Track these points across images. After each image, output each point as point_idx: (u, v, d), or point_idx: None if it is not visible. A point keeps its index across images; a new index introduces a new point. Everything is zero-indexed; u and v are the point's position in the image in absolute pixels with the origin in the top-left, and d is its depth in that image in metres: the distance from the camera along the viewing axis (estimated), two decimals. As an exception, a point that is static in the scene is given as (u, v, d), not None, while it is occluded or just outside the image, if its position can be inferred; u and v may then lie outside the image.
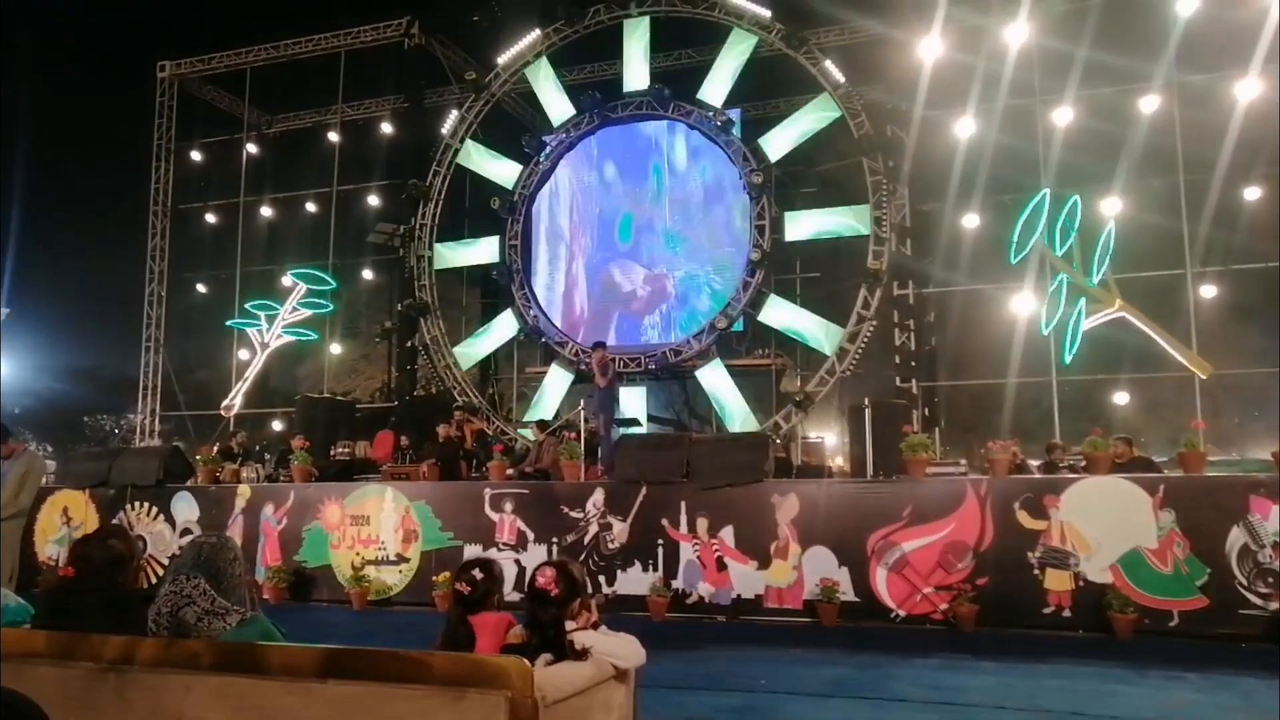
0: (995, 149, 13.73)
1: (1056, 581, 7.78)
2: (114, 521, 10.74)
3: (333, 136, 19.25)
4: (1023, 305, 12.98)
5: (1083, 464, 8.76)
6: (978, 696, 5.63)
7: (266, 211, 19.40)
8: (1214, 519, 7.49)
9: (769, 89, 17.12)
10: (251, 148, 19.69)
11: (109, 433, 31.78)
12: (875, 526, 8.32)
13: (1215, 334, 13.68)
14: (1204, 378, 12.05)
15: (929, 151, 14.26)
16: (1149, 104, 13.34)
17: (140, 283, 19.18)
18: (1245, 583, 7.31)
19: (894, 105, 14.77)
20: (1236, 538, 7.39)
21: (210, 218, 19.86)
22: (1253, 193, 13.88)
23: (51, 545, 11.15)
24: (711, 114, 15.22)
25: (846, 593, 8.29)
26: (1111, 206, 12.80)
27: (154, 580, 9.57)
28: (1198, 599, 7.40)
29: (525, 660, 2.49)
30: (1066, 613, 7.71)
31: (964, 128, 13.85)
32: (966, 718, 5.17)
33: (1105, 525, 7.74)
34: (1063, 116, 13.63)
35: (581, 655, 2.87)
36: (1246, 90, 12.68)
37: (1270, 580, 7.24)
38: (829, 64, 14.50)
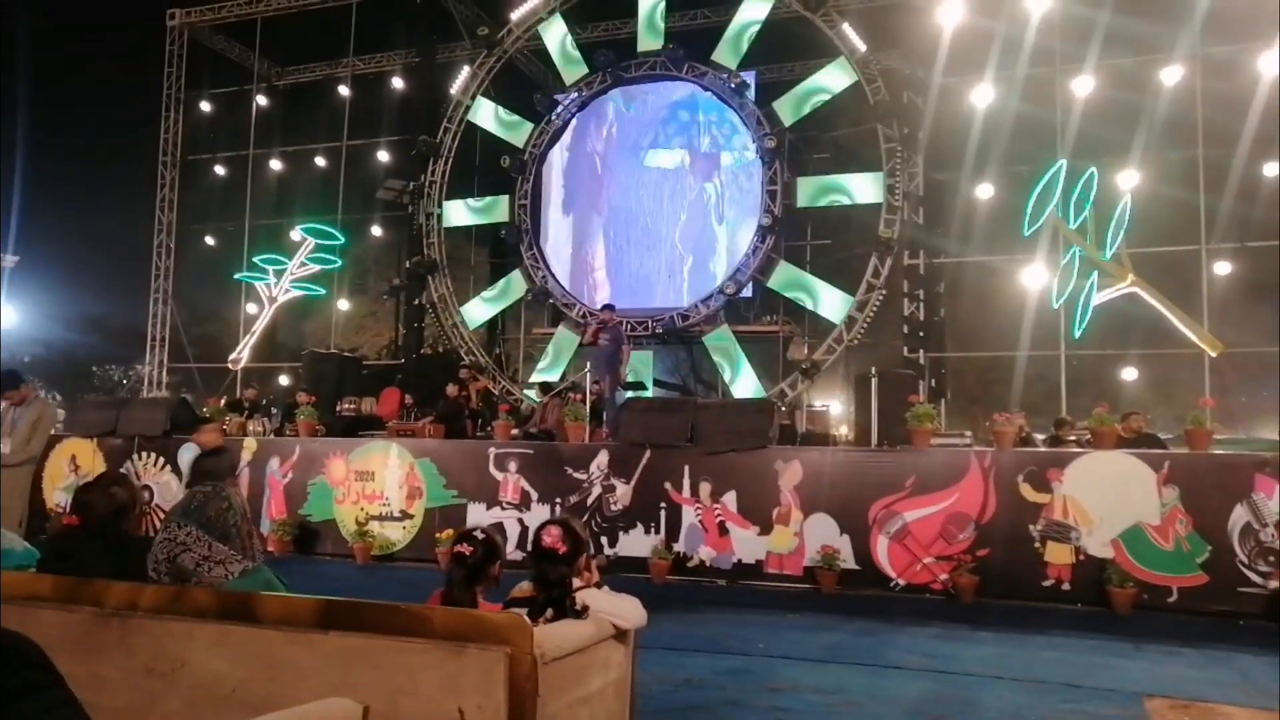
0: (1012, 118, 13.55)
1: (1057, 555, 7.79)
2: (120, 471, 10.81)
3: (343, 90, 19.09)
4: (1034, 278, 12.89)
5: (1088, 438, 8.75)
6: (974, 666, 5.67)
7: (276, 165, 19.30)
8: (1218, 497, 7.47)
9: (784, 52, 16.88)
10: (261, 99, 19.55)
11: (117, 383, 31.97)
12: (878, 495, 8.33)
13: (1227, 312, 13.59)
14: (1214, 355, 11.98)
15: (945, 120, 14.07)
16: (1171, 75, 13.12)
17: (149, 234, 19.16)
18: (1246, 560, 7.31)
19: (911, 71, 14.55)
20: (1239, 516, 7.38)
21: (219, 170, 19.77)
22: (1272, 169, 13.68)
23: (59, 493, 11.24)
24: (726, 76, 15.02)
25: (847, 560, 8.32)
26: (1128, 180, 12.64)
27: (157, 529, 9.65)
28: (1198, 575, 7.42)
29: (525, 616, 2.50)
30: (1066, 586, 7.73)
31: (981, 96, 13.64)
32: (962, 686, 5.21)
33: (1108, 500, 7.73)
34: (1083, 86, 13.41)
35: (582, 613, 2.88)
36: (1270, 64, 12.45)
37: (1271, 559, 7.24)
38: (846, 27, 14.27)
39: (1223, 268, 13.74)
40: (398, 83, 18.88)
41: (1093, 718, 4.58)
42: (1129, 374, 15.11)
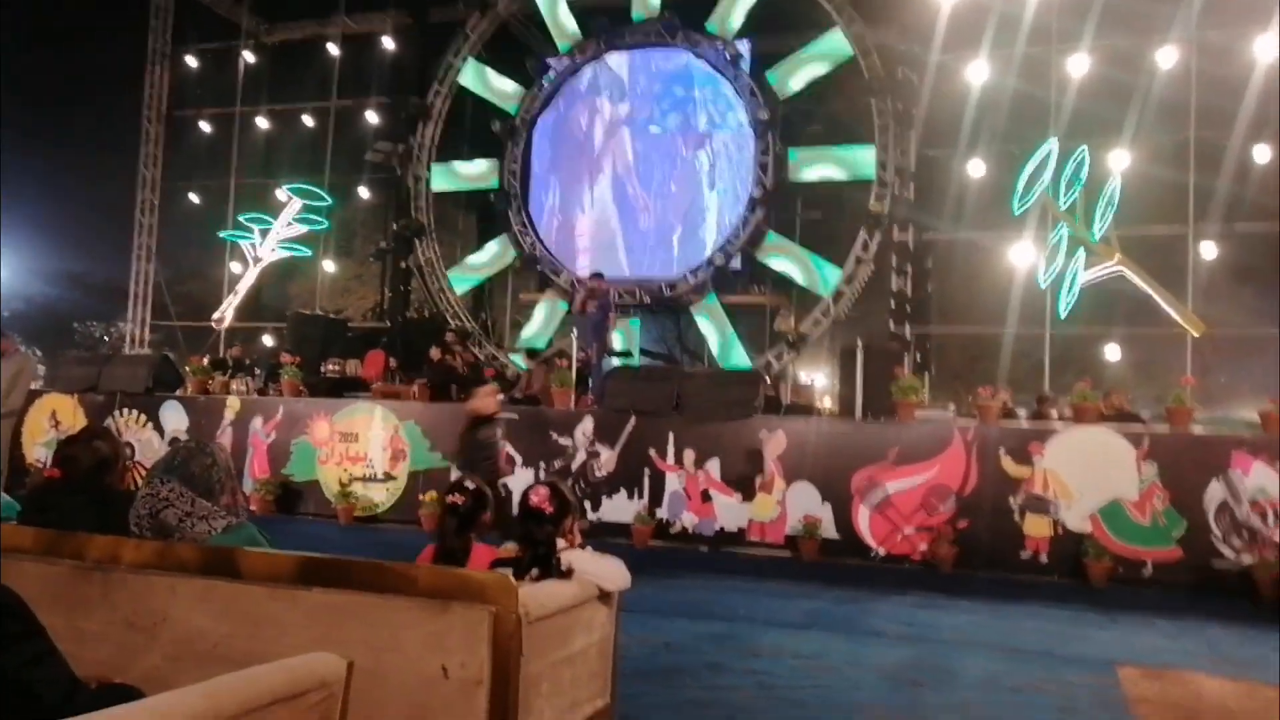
0: (1007, 96, 13.49)
1: (1036, 528, 7.89)
2: (103, 425, 10.75)
3: (333, 49, 18.78)
4: (1022, 256, 12.91)
5: (1067, 414, 8.83)
6: (951, 634, 5.76)
7: (263, 123, 18.99)
8: (1195, 473, 7.59)
9: (780, 23, 16.69)
10: (249, 56, 19.21)
11: (98, 340, 31.67)
12: (860, 466, 8.40)
13: (1211, 293, 13.65)
14: (1196, 335, 12.07)
15: (939, 96, 13.99)
16: (1166, 57, 13.07)
17: (132, 189, 18.89)
18: (1220, 536, 7.44)
19: (906, 47, 14.44)
20: (1215, 492, 7.50)
21: (205, 126, 19.44)
22: (1262, 153, 13.69)
23: (39, 448, 11.18)
24: (721, 45, 14.88)
25: (828, 529, 8.41)
26: (1119, 160, 12.63)
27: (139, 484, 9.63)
28: (1172, 549, 7.54)
29: (510, 575, 2.50)
30: (1044, 558, 7.84)
31: (977, 73, 13.57)
32: (940, 653, 5.28)
33: (1088, 475, 7.83)
34: (1078, 65, 13.36)
35: (566, 574, 2.89)
36: (1265, 48, 12.43)
37: (1245, 534, 7.37)
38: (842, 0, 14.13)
39: (1209, 249, 13.79)
40: (388, 43, 18.56)
41: (1067, 685, 4.66)
42: (1112, 353, 15.19)
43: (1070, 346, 15.03)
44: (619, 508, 9.07)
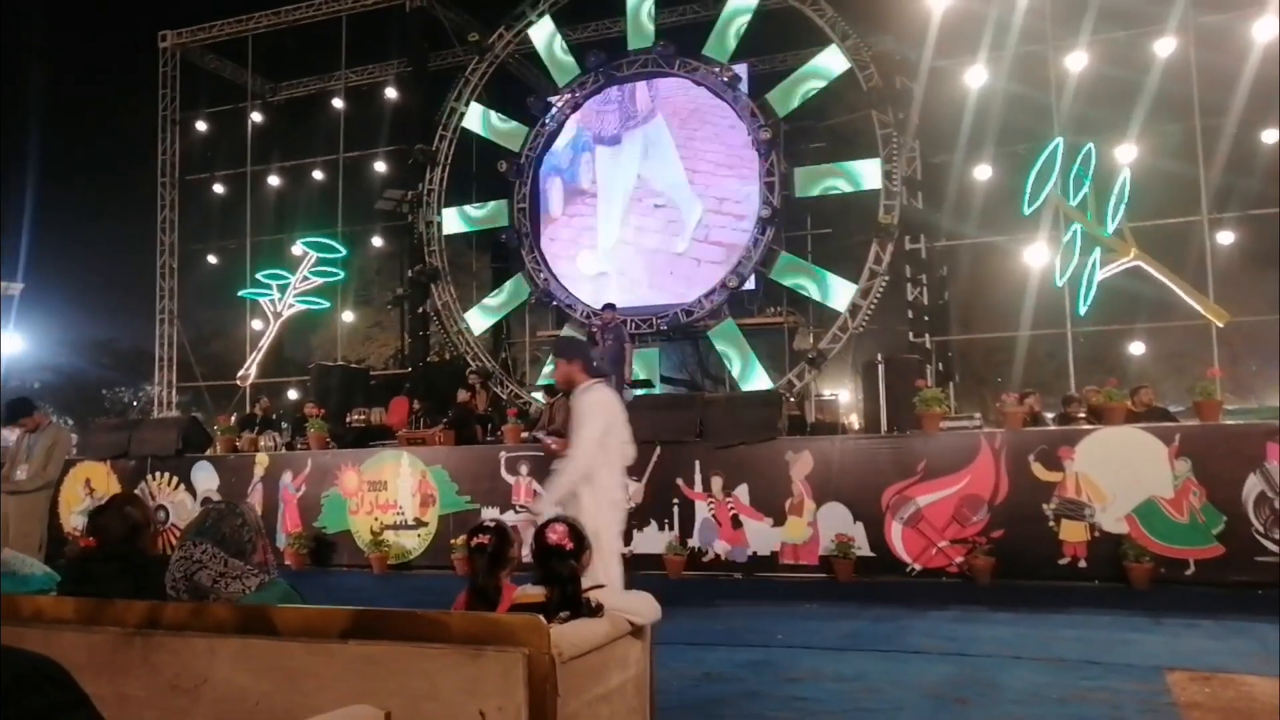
0: (1007, 98, 13.52)
1: (1072, 533, 7.79)
2: (133, 491, 10.87)
3: (337, 103, 19.12)
4: (1036, 257, 12.86)
5: (1082, 414, 8.74)
6: (993, 647, 5.67)
7: (274, 180, 19.35)
8: (1230, 467, 7.46)
9: (775, 43, 16.87)
10: (256, 116, 19.60)
11: (127, 405, 32.09)
12: (890, 481, 8.34)
13: (1232, 281, 13.54)
14: (1220, 325, 11.94)
15: (939, 103, 14.04)
16: (1164, 47, 13.07)
17: (152, 255, 19.24)
18: (1261, 530, 7.30)
19: (902, 56, 14.52)
20: (1253, 485, 7.37)
21: (218, 188, 19.83)
22: (1270, 136, 13.62)
23: (76, 516, 11.31)
24: (718, 69, 15.02)
25: (862, 548, 8.33)
26: (1126, 154, 12.60)
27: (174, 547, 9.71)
28: (1214, 547, 7.41)
29: (541, 617, 2.51)
30: (1082, 563, 7.73)
31: (975, 77, 13.61)
32: (981, 668, 5.21)
33: (1120, 475, 7.72)
34: (1076, 62, 13.38)
35: (597, 611, 2.89)
36: (1264, 30, 12.40)
37: (1287, 526, 7.23)
38: (835, 15, 14.25)
39: (1225, 237, 13.69)
40: (391, 93, 18.92)
41: (1114, 693, 4.58)
42: (1136, 348, 15.07)
43: (1094, 345, 14.93)
44: (650, 539, 9.04)
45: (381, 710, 2.05)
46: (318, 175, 19.38)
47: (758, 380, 14.38)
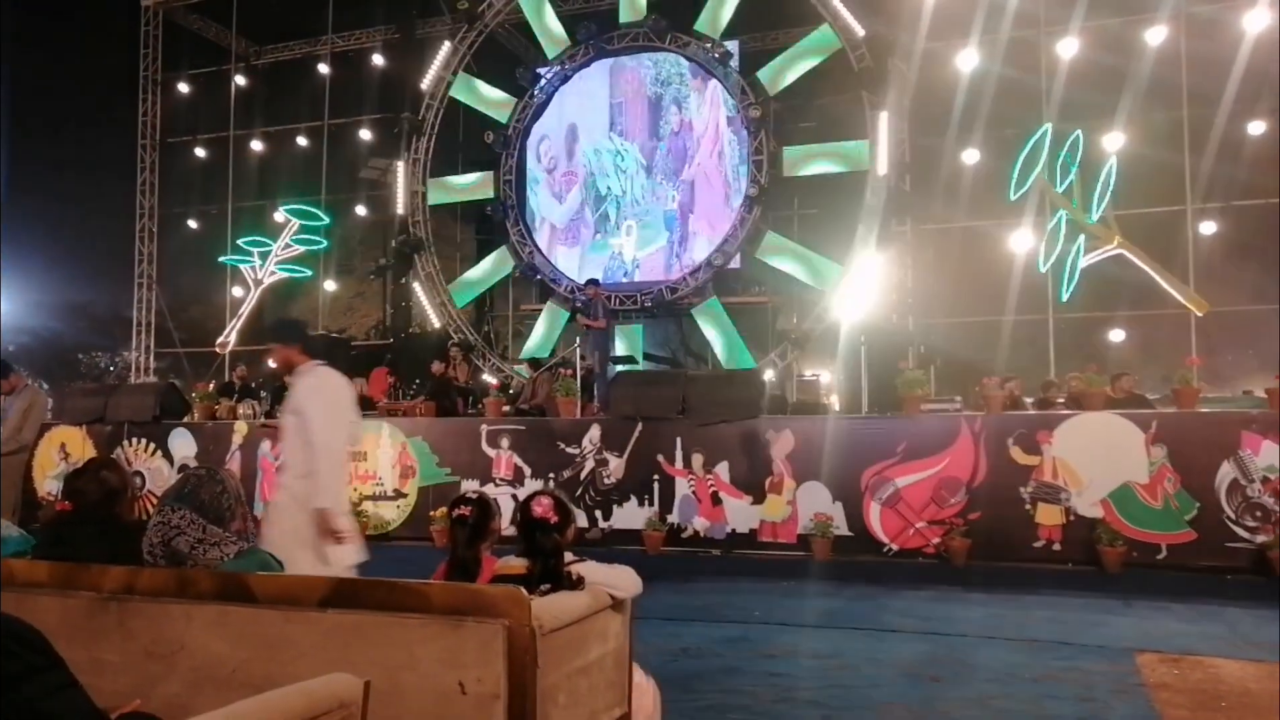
0: (997, 82, 13.50)
1: (1048, 516, 7.87)
2: (110, 456, 10.78)
3: (323, 68, 18.85)
4: (1021, 242, 12.90)
5: (1060, 400, 8.81)
6: (968, 627, 5.74)
7: (257, 145, 19.07)
8: (1205, 454, 7.55)
9: (767, 20, 16.73)
10: (240, 79, 19.29)
11: (104, 370, 31.75)
12: (869, 462, 8.39)
13: (1213, 271, 13.63)
14: (1200, 315, 12.05)
15: (930, 85, 14.01)
16: (1155, 35, 13.08)
17: (131, 218, 18.96)
18: (1233, 516, 7.41)
19: (894, 38, 14.45)
20: (1226, 473, 7.47)
21: (200, 152, 19.53)
22: (1256, 127, 13.68)
23: (50, 481, 11.21)
24: (709, 45, 14.90)
25: (840, 527, 8.39)
26: (1114, 141, 12.63)
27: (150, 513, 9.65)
28: (1186, 532, 7.51)
29: (522, 589, 2.51)
30: (1057, 546, 7.82)
31: (966, 60, 13.58)
32: (957, 647, 5.27)
33: (1097, 461, 7.80)
34: (1067, 48, 13.37)
35: (578, 585, 2.89)
36: (1255, 21, 12.43)
37: (1258, 514, 7.34)
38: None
39: (1208, 227, 13.77)
40: (378, 59, 18.65)
41: (1085, 674, 4.65)
42: (1116, 336, 15.17)
43: (1074, 331, 15.00)
44: (630, 515, 9.06)
45: (360, 680, 2.05)
46: (301, 141, 19.13)
47: (741, 359, 14.39)
